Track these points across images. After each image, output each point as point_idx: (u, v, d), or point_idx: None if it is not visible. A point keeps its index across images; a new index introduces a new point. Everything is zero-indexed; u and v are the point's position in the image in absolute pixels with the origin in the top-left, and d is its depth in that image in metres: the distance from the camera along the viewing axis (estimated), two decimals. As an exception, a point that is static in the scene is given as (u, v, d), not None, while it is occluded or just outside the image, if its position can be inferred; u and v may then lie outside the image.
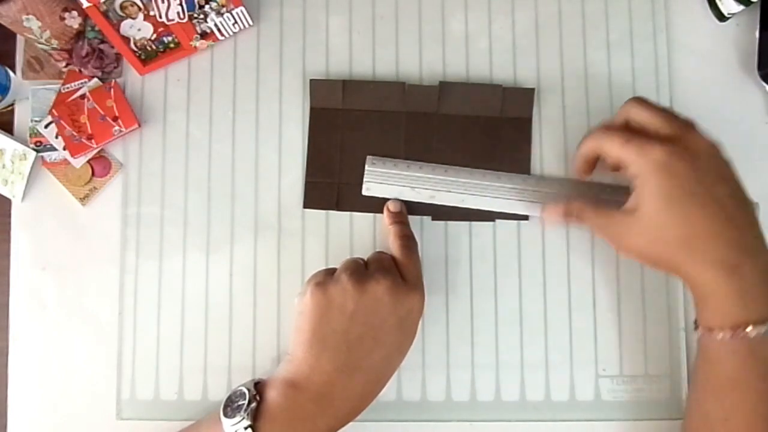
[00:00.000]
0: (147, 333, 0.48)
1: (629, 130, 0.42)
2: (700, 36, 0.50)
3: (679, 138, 0.40)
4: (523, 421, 0.47)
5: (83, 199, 0.49)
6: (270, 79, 0.50)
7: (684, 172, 0.39)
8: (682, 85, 0.50)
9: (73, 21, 0.47)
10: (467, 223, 0.48)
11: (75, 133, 0.48)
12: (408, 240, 0.45)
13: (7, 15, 0.45)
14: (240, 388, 0.41)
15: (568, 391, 0.47)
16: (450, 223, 0.49)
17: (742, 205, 0.40)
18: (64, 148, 0.48)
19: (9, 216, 0.49)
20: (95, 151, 0.49)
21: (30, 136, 0.49)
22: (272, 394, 0.40)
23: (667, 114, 0.42)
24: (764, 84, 0.49)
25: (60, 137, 0.48)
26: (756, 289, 0.38)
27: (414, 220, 0.48)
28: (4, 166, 0.49)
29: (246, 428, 0.38)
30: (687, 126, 0.41)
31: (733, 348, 0.39)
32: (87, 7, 0.43)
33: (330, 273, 0.43)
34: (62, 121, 0.48)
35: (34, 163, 0.49)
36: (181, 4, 0.45)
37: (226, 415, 0.39)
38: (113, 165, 0.49)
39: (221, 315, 0.48)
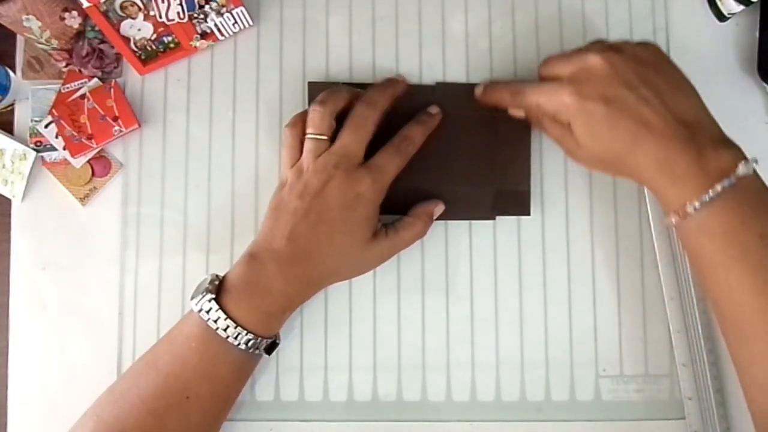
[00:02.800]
0: (147, 333, 0.48)
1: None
2: (700, 36, 0.50)
3: (578, 72, 0.42)
4: (523, 421, 0.47)
5: (83, 199, 0.49)
6: (270, 79, 0.50)
7: (597, 108, 0.40)
8: (682, 85, 0.50)
9: (73, 21, 0.47)
10: (467, 223, 0.48)
11: (75, 133, 0.48)
12: (404, 140, 0.45)
13: (7, 15, 0.45)
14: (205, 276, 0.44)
15: (568, 391, 0.47)
16: (450, 222, 0.49)
17: (671, 96, 0.41)
18: (64, 148, 0.48)
19: (9, 216, 0.49)
20: (95, 151, 0.49)
21: (30, 136, 0.49)
22: (233, 269, 0.43)
23: (563, 55, 0.44)
24: (764, 84, 0.49)
25: (60, 137, 0.48)
26: (686, 173, 0.39)
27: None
28: (4, 166, 0.49)
29: (209, 301, 0.41)
30: (581, 54, 0.42)
31: (685, 230, 0.40)
32: (87, 7, 0.43)
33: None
34: (62, 121, 0.48)
35: (34, 163, 0.49)
36: (181, 4, 0.45)
37: (192, 298, 0.42)
38: (113, 165, 0.49)
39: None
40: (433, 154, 0.48)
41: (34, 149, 0.49)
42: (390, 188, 0.45)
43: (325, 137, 0.44)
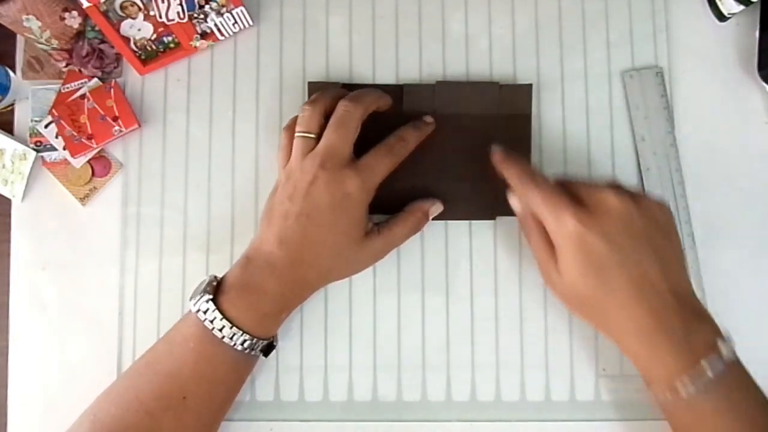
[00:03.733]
0: (147, 333, 0.48)
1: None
2: (700, 36, 0.50)
3: (591, 201, 0.41)
4: (523, 421, 0.47)
5: (83, 199, 0.49)
6: (270, 79, 0.50)
7: (596, 246, 0.39)
8: (682, 85, 0.50)
9: (73, 21, 0.47)
10: (467, 222, 0.48)
11: (75, 133, 0.48)
12: (398, 141, 0.45)
13: (7, 15, 0.45)
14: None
15: (568, 391, 0.47)
16: (450, 222, 0.49)
17: (660, 267, 0.40)
18: (64, 148, 0.48)
19: (9, 216, 0.49)
20: (95, 151, 0.49)
21: (30, 136, 0.49)
22: (231, 271, 0.43)
23: (579, 182, 0.42)
24: (764, 84, 0.49)
25: (60, 137, 0.48)
26: (669, 350, 0.39)
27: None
28: (4, 166, 0.49)
29: (207, 302, 0.41)
30: (599, 189, 0.41)
31: (670, 405, 0.40)
32: (87, 7, 0.43)
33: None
34: (62, 121, 0.48)
35: (34, 163, 0.49)
36: (181, 4, 0.45)
37: (191, 299, 0.42)
38: (113, 165, 0.49)
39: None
40: (433, 154, 0.48)
41: (34, 149, 0.49)
42: (390, 189, 0.45)
43: (312, 135, 0.43)
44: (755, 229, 0.48)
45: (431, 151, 0.48)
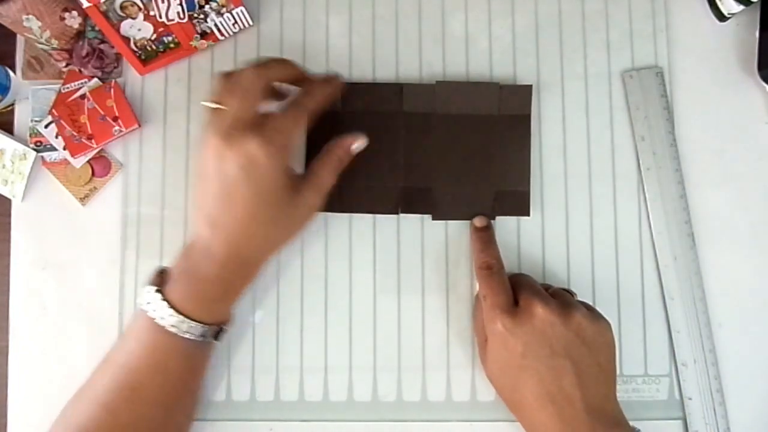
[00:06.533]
0: (147, 333, 0.48)
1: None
2: (700, 36, 0.50)
3: (524, 311, 0.42)
4: (523, 421, 0.47)
5: (83, 199, 0.49)
6: (270, 79, 0.50)
7: (515, 351, 0.41)
8: (682, 85, 0.50)
9: (73, 21, 0.47)
10: (467, 222, 0.48)
11: (75, 133, 0.48)
12: (303, 95, 0.44)
13: (7, 15, 0.45)
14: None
15: (568, 391, 0.47)
16: (450, 222, 0.49)
17: (578, 380, 0.41)
18: (64, 148, 0.48)
19: (9, 216, 0.49)
20: (95, 151, 0.49)
21: (30, 136, 0.49)
22: (175, 260, 0.43)
23: (533, 289, 0.43)
24: (764, 84, 0.49)
25: (60, 137, 0.48)
26: None
27: (414, 218, 0.48)
28: (4, 166, 0.49)
29: (149, 293, 0.41)
30: (534, 301, 0.42)
31: None
32: (87, 7, 0.43)
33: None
34: (62, 121, 0.48)
35: (34, 163, 0.49)
36: (181, 4, 0.45)
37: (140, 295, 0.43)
38: (113, 165, 0.49)
39: (221, 315, 0.48)
40: (432, 154, 0.48)
41: (34, 149, 0.49)
42: (389, 188, 0.45)
43: (219, 105, 0.41)
44: (755, 229, 0.48)
45: (431, 151, 0.48)
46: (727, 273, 0.48)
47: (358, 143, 0.46)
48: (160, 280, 0.42)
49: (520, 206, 0.48)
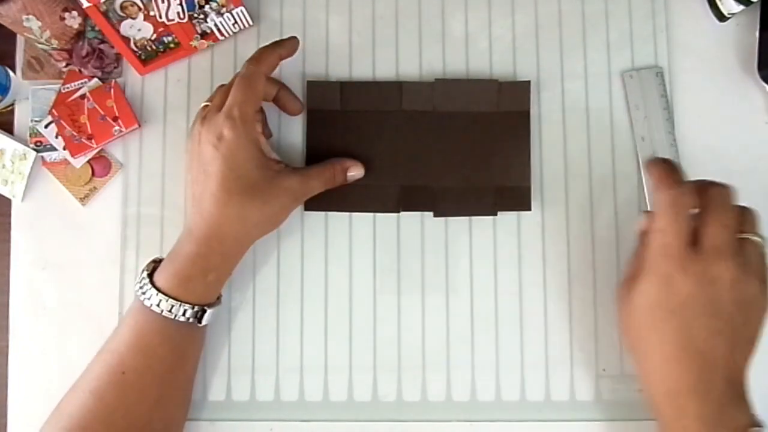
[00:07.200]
0: (147, 333, 0.48)
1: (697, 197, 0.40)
2: (700, 36, 0.50)
3: (713, 253, 0.39)
4: (523, 421, 0.47)
5: (83, 199, 0.49)
6: (270, 79, 0.50)
7: (683, 292, 0.39)
8: (682, 85, 0.50)
9: (73, 21, 0.47)
10: (467, 222, 0.48)
11: (75, 133, 0.48)
12: (249, 62, 0.44)
13: (7, 15, 0.45)
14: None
15: (568, 391, 0.47)
16: (450, 220, 0.48)
17: (730, 344, 0.39)
18: (64, 148, 0.48)
19: (9, 216, 0.49)
20: (95, 151, 0.49)
21: (30, 136, 0.49)
22: (171, 249, 0.44)
23: (724, 222, 0.39)
24: (764, 84, 0.49)
25: (60, 137, 0.48)
26: (696, 424, 0.38)
27: (414, 217, 0.48)
28: (4, 166, 0.49)
29: (141, 274, 0.43)
30: (730, 244, 0.39)
31: None
32: (87, 7, 0.43)
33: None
34: (62, 121, 0.48)
35: (34, 163, 0.49)
36: (181, 4, 0.45)
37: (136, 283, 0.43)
38: (113, 165, 0.49)
39: (220, 315, 0.48)
40: (433, 151, 0.48)
41: (34, 149, 0.49)
42: (389, 186, 0.45)
43: (208, 103, 0.45)
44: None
45: (431, 149, 0.48)
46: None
47: (356, 171, 0.47)
48: (155, 265, 0.44)
49: (521, 201, 0.48)
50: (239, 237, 0.44)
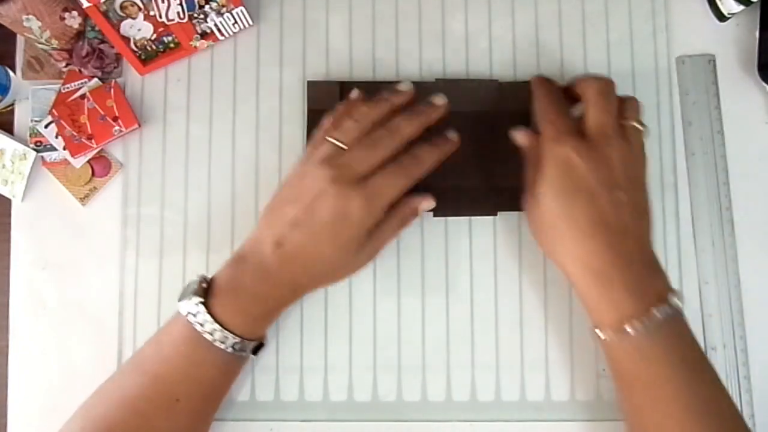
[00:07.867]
0: (147, 333, 0.47)
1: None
2: (700, 36, 0.50)
3: (599, 136, 0.41)
4: (523, 421, 0.47)
5: (83, 199, 0.49)
6: (270, 79, 0.50)
7: (582, 171, 0.41)
8: (682, 85, 0.50)
9: (73, 21, 0.47)
10: (467, 222, 0.48)
11: (75, 133, 0.48)
12: (411, 159, 0.43)
13: (7, 15, 0.45)
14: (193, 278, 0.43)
15: (568, 391, 0.47)
16: (450, 220, 0.49)
17: (633, 214, 0.41)
18: (64, 148, 0.48)
19: (9, 216, 0.49)
20: (95, 151, 0.49)
21: (30, 136, 0.49)
22: (222, 271, 0.43)
23: (605, 108, 0.42)
24: (764, 84, 0.49)
25: (60, 137, 0.48)
26: (623, 293, 0.40)
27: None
28: (4, 166, 0.49)
29: (197, 304, 0.41)
30: (613, 127, 0.42)
31: (616, 345, 0.40)
32: (87, 7, 0.43)
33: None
34: (62, 121, 0.48)
35: (34, 163, 0.49)
36: (181, 4, 0.45)
37: (180, 300, 0.42)
38: (113, 165, 0.49)
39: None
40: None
41: (34, 149, 0.49)
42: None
43: (345, 147, 0.42)
44: (754, 229, 0.48)
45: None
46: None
47: (426, 204, 0.46)
48: (204, 291, 0.42)
49: (521, 201, 0.48)
50: (310, 289, 0.45)
